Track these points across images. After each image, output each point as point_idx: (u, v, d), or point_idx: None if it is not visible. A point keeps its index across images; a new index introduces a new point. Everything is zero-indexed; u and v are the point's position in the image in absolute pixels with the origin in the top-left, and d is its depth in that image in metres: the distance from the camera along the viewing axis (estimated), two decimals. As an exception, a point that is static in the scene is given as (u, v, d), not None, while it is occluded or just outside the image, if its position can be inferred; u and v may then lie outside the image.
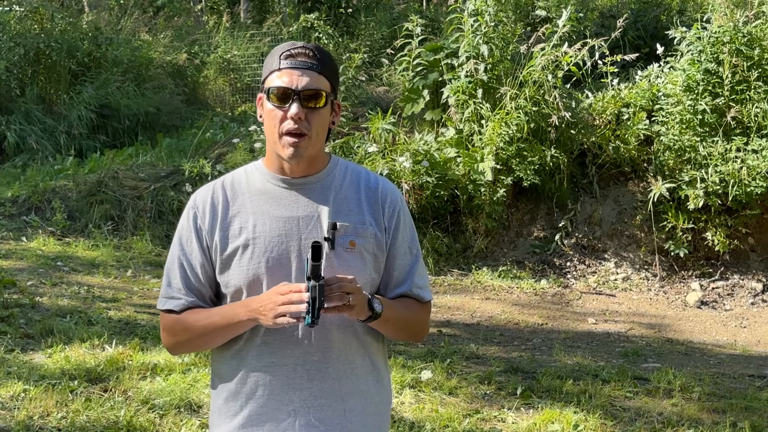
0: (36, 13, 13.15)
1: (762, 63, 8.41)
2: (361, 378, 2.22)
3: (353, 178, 2.26)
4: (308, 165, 2.21)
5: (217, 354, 2.27)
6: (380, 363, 2.29)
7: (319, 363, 2.17)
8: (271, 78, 2.15)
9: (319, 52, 2.17)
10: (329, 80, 2.17)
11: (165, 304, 2.24)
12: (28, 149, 11.73)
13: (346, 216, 2.19)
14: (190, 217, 2.24)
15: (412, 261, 2.28)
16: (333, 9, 15.00)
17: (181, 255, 2.23)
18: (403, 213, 2.27)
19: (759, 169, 8.03)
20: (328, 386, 2.18)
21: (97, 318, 6.25)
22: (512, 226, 9.07)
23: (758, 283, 8.42)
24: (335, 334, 2.17)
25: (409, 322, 2.27)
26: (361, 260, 2.18)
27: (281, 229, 2.17)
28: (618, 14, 11.78)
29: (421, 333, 2.37)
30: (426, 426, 4.64)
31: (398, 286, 2.26)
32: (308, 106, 2.13)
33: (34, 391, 4.68)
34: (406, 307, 2.25)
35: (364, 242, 2.19)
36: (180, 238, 2.25)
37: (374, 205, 2.24)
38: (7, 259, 7.82)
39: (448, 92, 8.98)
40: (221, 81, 14.58)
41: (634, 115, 8.86)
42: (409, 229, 2.29)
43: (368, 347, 2.24)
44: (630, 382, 5.55)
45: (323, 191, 2.21)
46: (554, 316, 7.62)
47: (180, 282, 2.22)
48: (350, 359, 2.20)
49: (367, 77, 12.90)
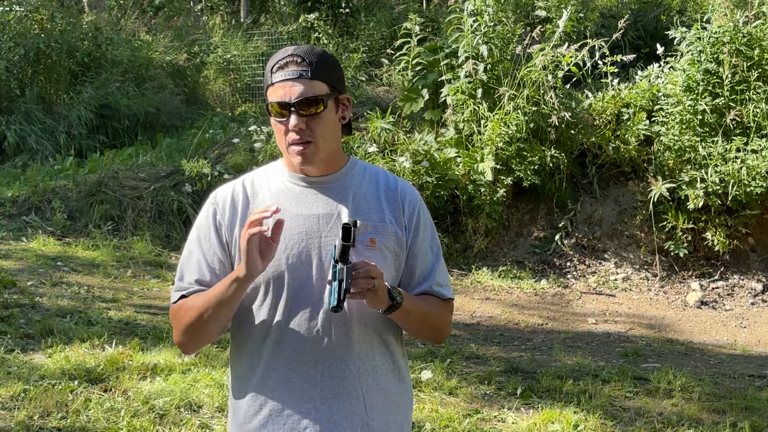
0: (36, 13, 13.14)
1: (762, 63, 8.41)
2: (382, 375, 2.22)
3: (372, 178, 2.28)
4: (325, 166, 2.22)
5: (235, 356, 2.26)
6: (401, 361, 2.28)
7: (339, 360, 2.16)
8: (269, 93, 2.17)
9: (309, 55, 2.14)
10: (325, 81, 2.15)
11: (177, 296, 2.23)
12: (28, 149, 11.72)
13: (365, 214, 2.20)
14: (209, 213, 2.24)
15: (434, 259, 2.28)
16: (333, 9, 15.00)
17: (197, 251, 2.23)
18: (423, 212, 2.28)
19: (759, 169, 8.03)
20: (350, 383, 2.17)
21: (97, 318, 6.25)
22: (512, 226, 9.08)
23: (758, 283, 8.42)
24: (356, 330, 2.17)
25: (430, 315, 2.25)
26: (382, 258, 2.18)
27: (302, 226, 2.18)
28: (618, 14, 11.79)
29: (443, 330, 2.35)
30: (426, 426, 4.64)
31: (420, 284, 2.26)
32: (306, 114, 2.13)
33: (34, 391, 4.68)
34: (428, 302, 2.25)
35: (385, 240, 2.20)
36: (198, 234, 2.24)
37: (394, 203, 2.25)
38: (7, 259, 7.82)
39: (447, 92, 8.98)
40: (221, 81, 14.58)
41: (634, 115, 8.87)
42: (430, 228, 2.30)
43: (389, 345, 2.24)
44: (630, 382, 5.55)
45: (342, 190, 2.23)
46: (554, 316, 7.62)
47: (193, 277, 2.22)
48: (371, 356, 2.20)
49: (366, 77, 12.89)
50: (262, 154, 9.30)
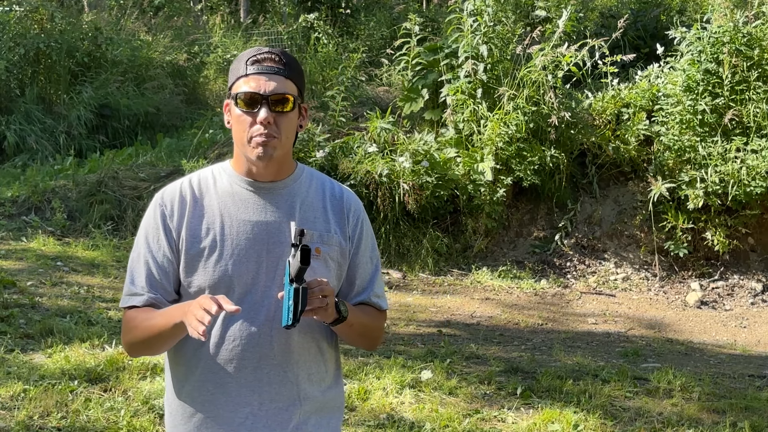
0: (36, 13, 13.13)
1: (762, 63, 8.42)
2: (317, 384, 2.24)
3: (318, 186, 2.28)
4: (276, 170, 2.22)
5: (173, 356, 2.27)
6: (334, 369, 2.31)
7: (278, 366, 2.18)
8: (238, 84, 2.17)
9: (284, 56, 2.18)
10: (296, 84, 2.18)
11: (128, 301, 2.23)
12: (28, 149, 11.72)
13: (312, 223, 2.22)
14: (157, 214, 2.23)
15: (373, 270, 2.32)
16: (333, 9, 14.99)
17: (146, 252, 2.22)
18: (365, 223, 2.32)
19: (759, 169, 8.03)
20: (287, 390, 2.20)
21: (97, 318, 6.25)
22: (512, 226, 9.07)
23: (758, 283, 8.42)
24: (296, 338, 2.19)
25: (369, 327, 2.31)
26: (326, 267, 2.20)
27: (249, 233, 2.19)
28: (618, 14, 11.78)
29: (377, 340, 2.41)
30: (426, 426, 4.64)
31: (358, 294, 2.30)
32: (276, 110, 2.14)
33: (34, 391, 4.68)
34: (367, 313, 2.29)
35: (329, 250, 2.22)
36: (146, 235, 2.23)
37: (339, 213, 2.27)
38: (7, 259, 7.82)
39: (447, 92, 8.98)
40: (221, 81, 14.55)
41: (634, 115, 8.87)
42: (371, 239, 2.33)
43: (325, 353, 2.27)
44: (630, 382, 5.55)
45: (290, 197, 2.23)
46: (554, 316, 7.62)
47: (144, 279, 2.21)
48: (308, 364, 2.22)
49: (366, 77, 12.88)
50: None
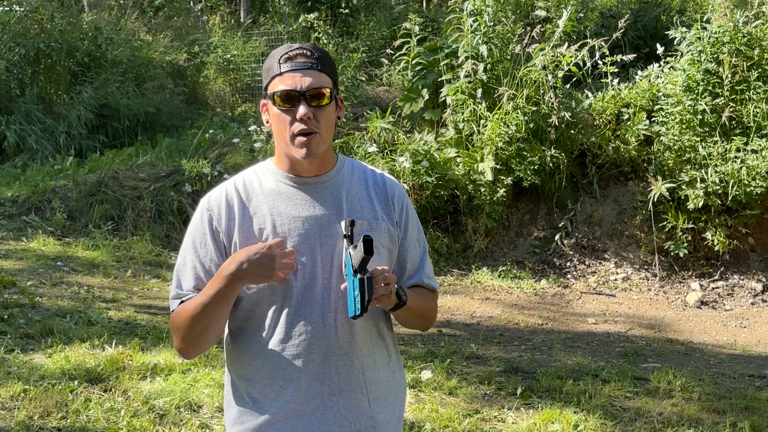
0: (36, 13, 13.13)
1: (762, 63, 8.41)
2: (381, 369, 2.29)
3: (360, 176, 2.31)
4: (320, 164, 2.24)
5: (237, 357, 2.26)
6: (395, 354, 2.36)
7: (345, 356, 2.22)
8: (273, 83, 2.18)
9: (316, 50, 2.20)
10: (330, 77, 2.20)
11: (176, 305, 2.24)
12: (28, 149, 11.72)
13: (359, 213, 2.25)
14: (204, 219, 2.24)
15: (422, 252, 2.37)
16: (333, 9, 15.00)
17: (193, 257, 2.23)
18: (410, 207, 2.36)
19: (759, 169, 8.03)
20: (354, 378, 2.23)
21: (97, 318, 6.25)
22: (512, 226, 9.07)
23: (758, 283, 8.42)
24: (359, 326, 2.22)
25: (425, 308, 2.36)
26: (378, 255, 2.21)
27: (301, 228, 2.21)
28: (618, 14, 11.79)
29: (433, 320, 2.45)
30: (426, 426, 4.64)
31: (411, 277, 2.35)
32: (314, 105, 2.16)
33: (34, 391, 4.68)
34: (422, 295, 2.34)
35: (379, 237, 2.24)
36: (193, 241, 2.24)
37: (384, 201, 2.30)
38: (7, 259, 7.82)
39: (446, 92, 8.98)
40: (221, 81, 14.56)
41: (634, 115, 8.87)
42: (417, 222, 2.37)
43: (386, 338, 2.31)
44: (630, 382, 5.55)
45: (335, 190, 2.26)
46: (554, 316, 7.62)
47: (191, 284, 2.23)
48: (372, 350, 2.26)
49: (366, 77, 12.89)
50: (262, 154, 9.29)
